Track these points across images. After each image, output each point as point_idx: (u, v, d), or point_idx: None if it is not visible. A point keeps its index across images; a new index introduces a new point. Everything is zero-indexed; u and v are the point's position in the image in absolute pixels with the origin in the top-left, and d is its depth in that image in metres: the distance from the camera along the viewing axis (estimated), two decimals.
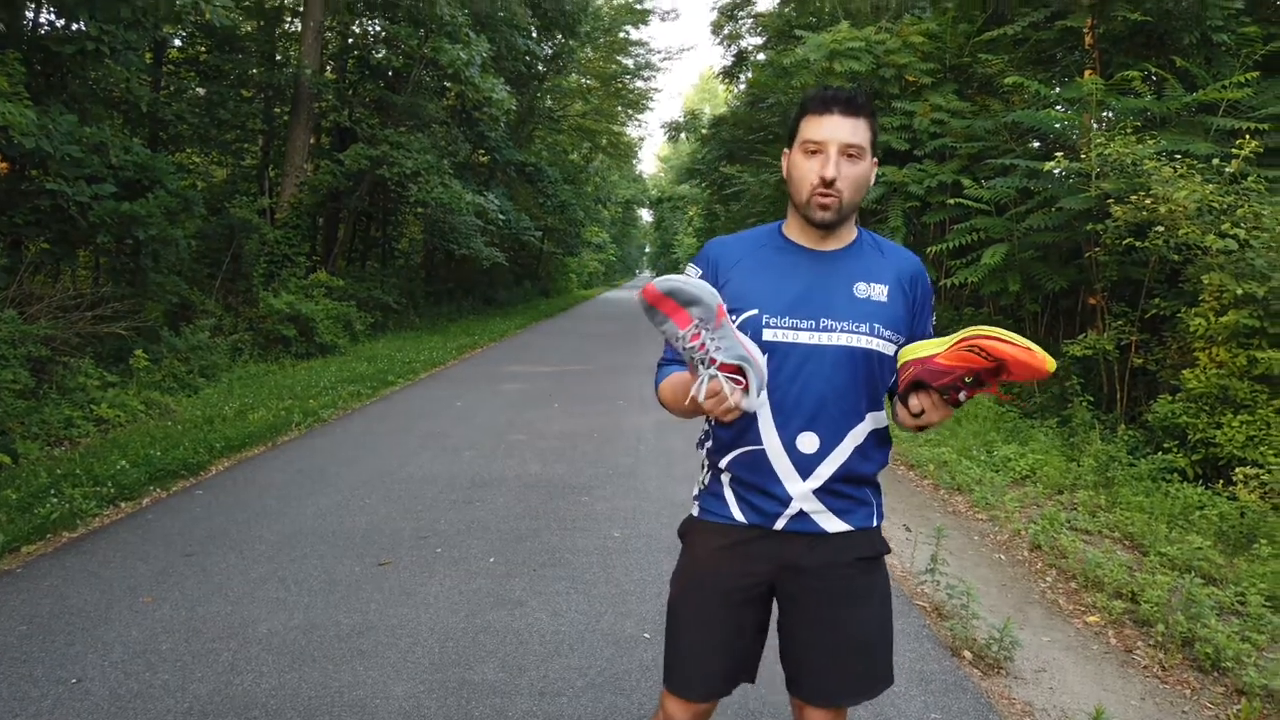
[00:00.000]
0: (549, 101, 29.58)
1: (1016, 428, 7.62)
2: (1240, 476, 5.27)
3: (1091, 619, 4.02)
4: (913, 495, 6.23)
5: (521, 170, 24.47)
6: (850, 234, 1.87)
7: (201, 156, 17.42)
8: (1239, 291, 5.69)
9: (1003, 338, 1.46)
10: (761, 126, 15.47)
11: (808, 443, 1.75)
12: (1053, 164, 7.55)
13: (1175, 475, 5.80)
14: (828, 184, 1.72)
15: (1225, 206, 6.21)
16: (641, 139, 66.62)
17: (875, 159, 1.81)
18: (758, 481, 1.78)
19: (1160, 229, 6.35)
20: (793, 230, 1.87)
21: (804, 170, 1.76)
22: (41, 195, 8.19)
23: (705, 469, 1.93)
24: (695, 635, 1.87)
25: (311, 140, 16.17)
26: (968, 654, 3.56)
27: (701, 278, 1.79)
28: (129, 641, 3.47)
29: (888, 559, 4.72)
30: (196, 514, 5.25)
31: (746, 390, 1.51)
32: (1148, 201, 6.39)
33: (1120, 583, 4.21)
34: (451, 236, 19.25)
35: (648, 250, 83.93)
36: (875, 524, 1.86)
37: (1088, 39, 8.68)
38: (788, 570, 1.82)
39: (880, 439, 1.84)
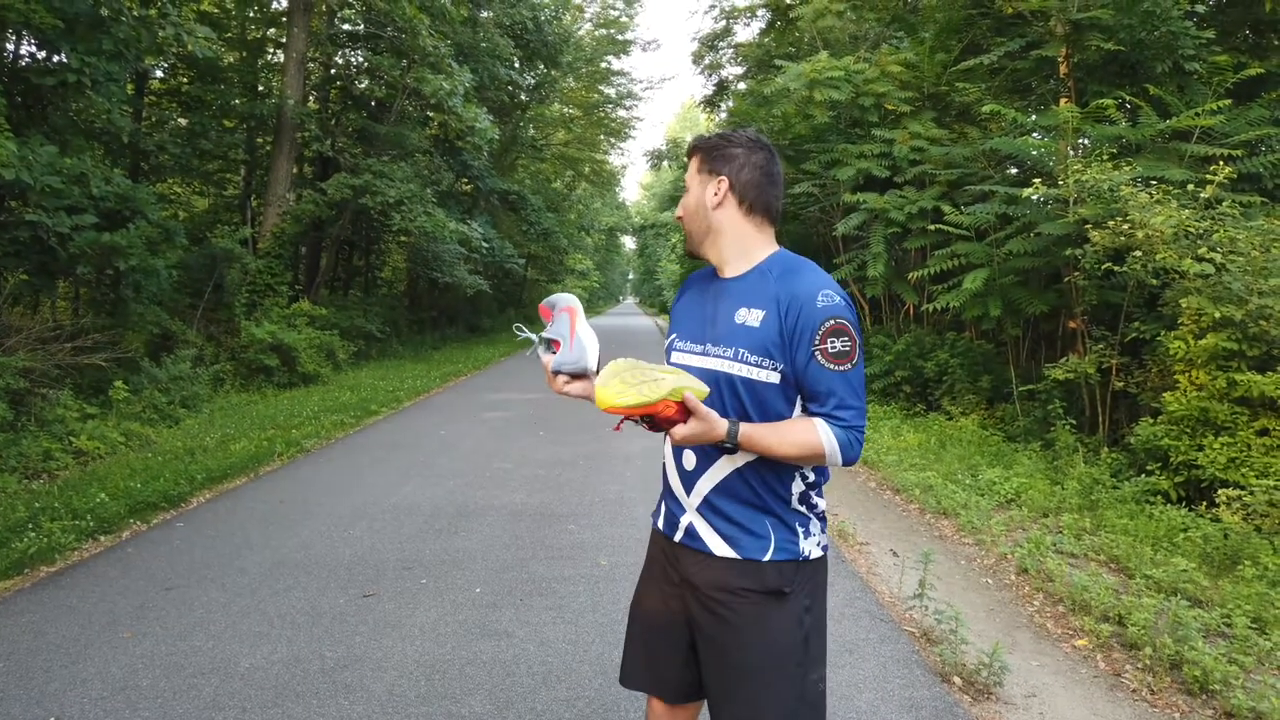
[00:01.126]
0: (532, 130, 29.76)
1: (1001, 451, 7.66)
2: (1223, 498, 5.32)
3: (1080, 642, 4.03)
4: (899, 520, 6.24)
5: (505, 198, 24.56)
6: (747, 263, 1.87)
7: (183, 186, 17.42)
8: (1217, 315, 5.76)
9: (631, 406, 1.65)
10: None
11: (687, 459, 1.87)
12: (1031, 190, 7.65)
13: (1158, 497, 5.84)
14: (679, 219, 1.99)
15: (1201, 231, 6.30)
16: (624, 167, 67.19)
17: (722, 178, 1.87)
18: (667, 491, 1.97)
19: (1138, 253, 6.43)
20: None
21: None
22: (21, 226, 8.14)
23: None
24: (635, 635, 2.03)
25: (294, 170, 16.18)
26: (957, 679, 3.55)
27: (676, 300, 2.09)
28: (108, 677, 3.41)
29: (875, 583, 4.74)
30: (177, 547, 5.18)
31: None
32: (1125, 227, 6.48)
33: (1107, 606, 4.22)
34: (435, 264, 19.27)
35: (631, 277, 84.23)
36: (767, 558, 1.78)
37: (1063, 68, 8.83)
38: (687, 588, 1.89)
39: (773, 467, 1.79)
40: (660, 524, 1.99)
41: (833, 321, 1.72)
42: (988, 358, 9.65)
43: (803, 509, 1.84)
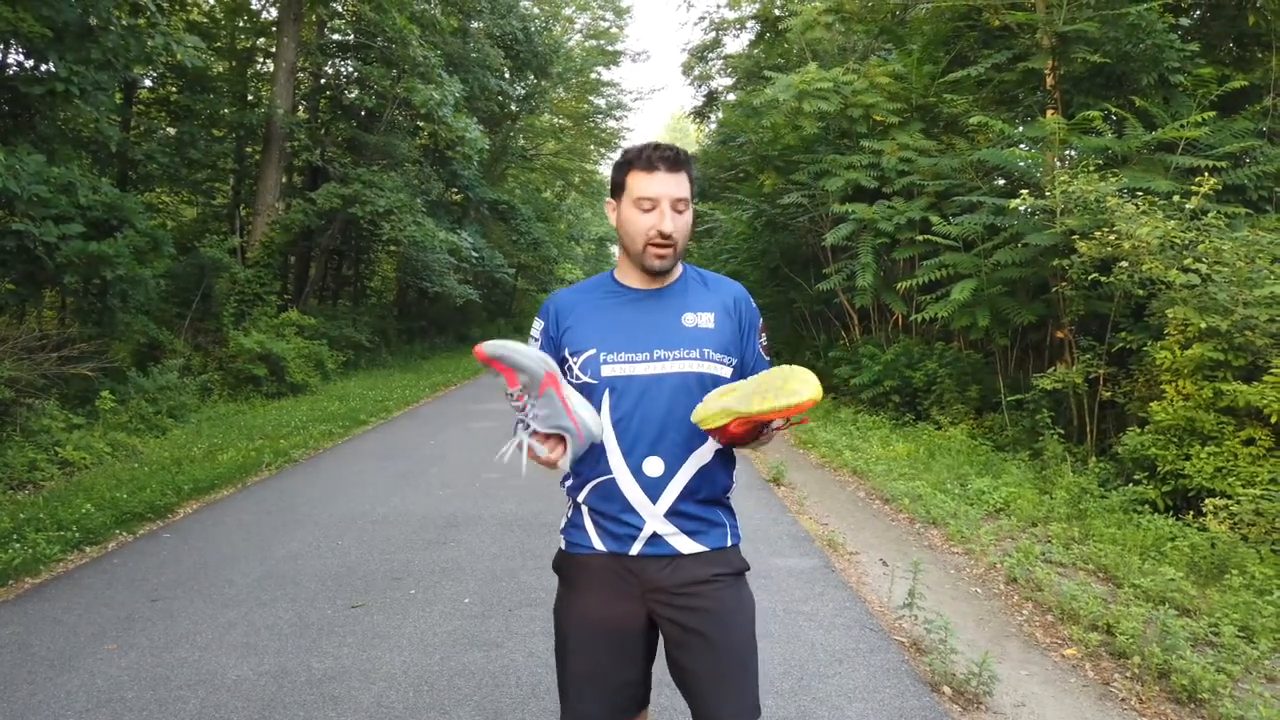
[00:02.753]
0: (522, 140, 29.83)
1: (989, 461, 7.68)
2: (1210, 508, 5.34)
3: (1069, 651, 4.03)
4: (889, 529, 6.24)
5: (494, 208, 24.57)
6: (676, 272, 1.99)
7: (171, 196, 17.34)
8: (1203, 325, 5.80)
9: (772, 410, 1.62)
10: (733, 165, 15.68)
11: (653, 467, 1.86)
12: (1018, 201, 7.70)
13: (1146, 507, 5.86)
14: (665, 237, 1.86)
15: (1187, 242, 6.35)
16: None
17: (694, 204, 1.96)
18: (612, 510, 1.89)
19: (1124, 264, 6.47)
20: (625, 275, 1.99)
21: (639, 225, 1.88)
22: (7, 235, 8.09)
23: (569, 504, 2.01)
24: (584, 670, 1.92)
25: (283, 179, 16.17)
26: (947, 689, 3.55)
27: (543, 330, 1.97)
28: (93, 690, 3.38)
29: (865, 592, 4.74)
30: (163, 558, 5.14)
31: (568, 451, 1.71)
32: (1111, 237, 6.52)
33: (1096, 615, 4.23)
34: (424, 274, 19.25)
35: None
36: (730, 543, 1.94)
37: (1049, 80, 8.90)
38: (654, 595, 1.88)
39: (724, 459, 1.94)
40: (601, 546, 1.90)
41: (760, 319, 2.04)
42: (976, 368, 9.68)
43: (730, 499, 2.00)
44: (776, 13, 16.76)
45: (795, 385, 1.64)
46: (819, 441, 9.36)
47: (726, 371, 1.91)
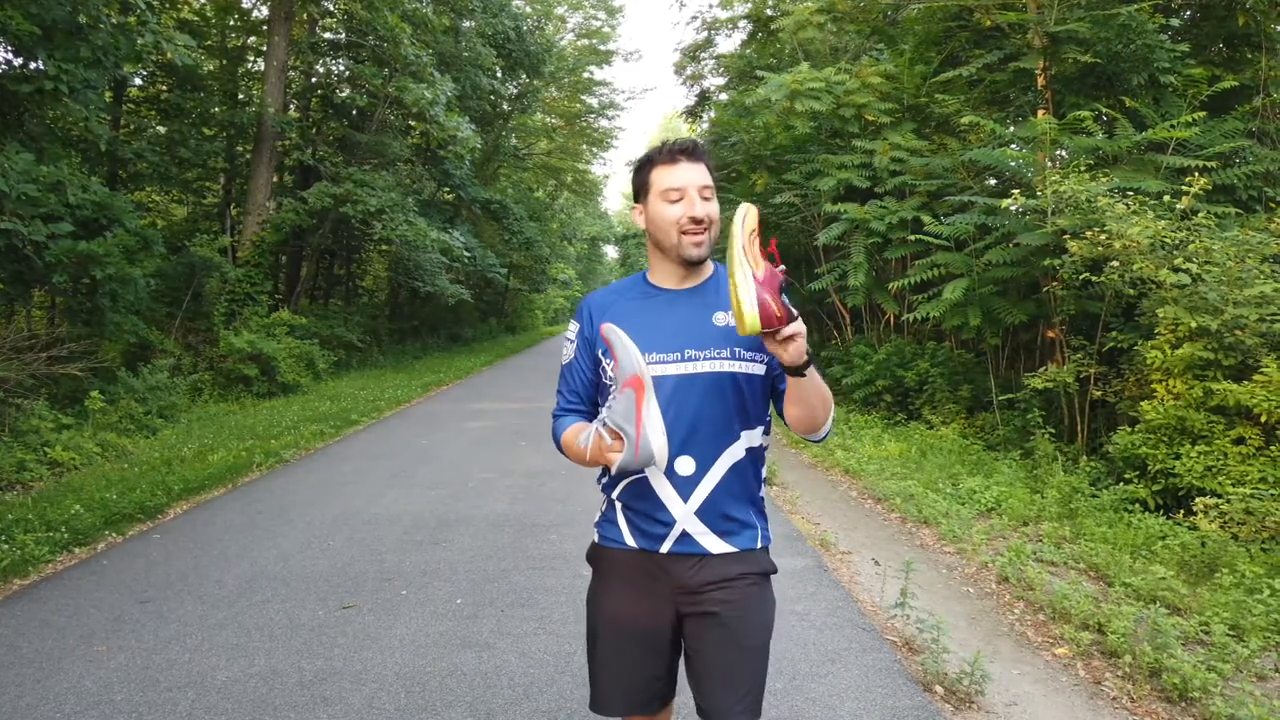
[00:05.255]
0: (514, 140, 29.77)
1: (981, 460, 7.70)
2: (1200, 506, 5.36)
3: (1060, 650, 4.04)
4: (881, 529, 6.25)
5: (487, 207, 24.53)
6: (706, 271, 2.00)
7: (162, 195, 17.28)
8: (1193, 324, 5.82)
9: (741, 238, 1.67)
10: (725, 164, 15.66)
11: (684, 466, 1.88)
12: (1009, 201, 7.71)
13: (1137, 506, 5.88)
14: (698, 222, 1.88)
15: (1177, 242, 6.37)
16: (606, 177, 67.08)
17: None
18: (645, 508, 1.92)
19: (1115, 264, 6.49)
20: (657, 276, 2.02)
21: (669, 216, 1.90)
22: None
23: (604, 500, 2.06)
24: (610, 661, 2.00)
25: (274, 178, 16.11)
26: (939, 689, 3.55)
27: (578, 332, 2.03)
28: (82, 692, 3.36)
29: (858, 592, 4.74)
30: (153, 559, 5.11)
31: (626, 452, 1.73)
32: (1102, 237, 6.54)
33: (1087, 614, 4.24)
34: (416, 274, 19.21)
35: None
36: (760, 545, 1.97)
37: (1040, 80, 8.92)
38: (681, 593, 1.92)
39: (756, 458, 1.96)
40: (632, 542, 1.95)
41: None
42: (968, 367, 9.71)
43: (762, 497, 2.01)
44: (769, 12, 16.74)
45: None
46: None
47: (759, 369, 1.91)
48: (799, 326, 1.64)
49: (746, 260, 1.64)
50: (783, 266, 1.67)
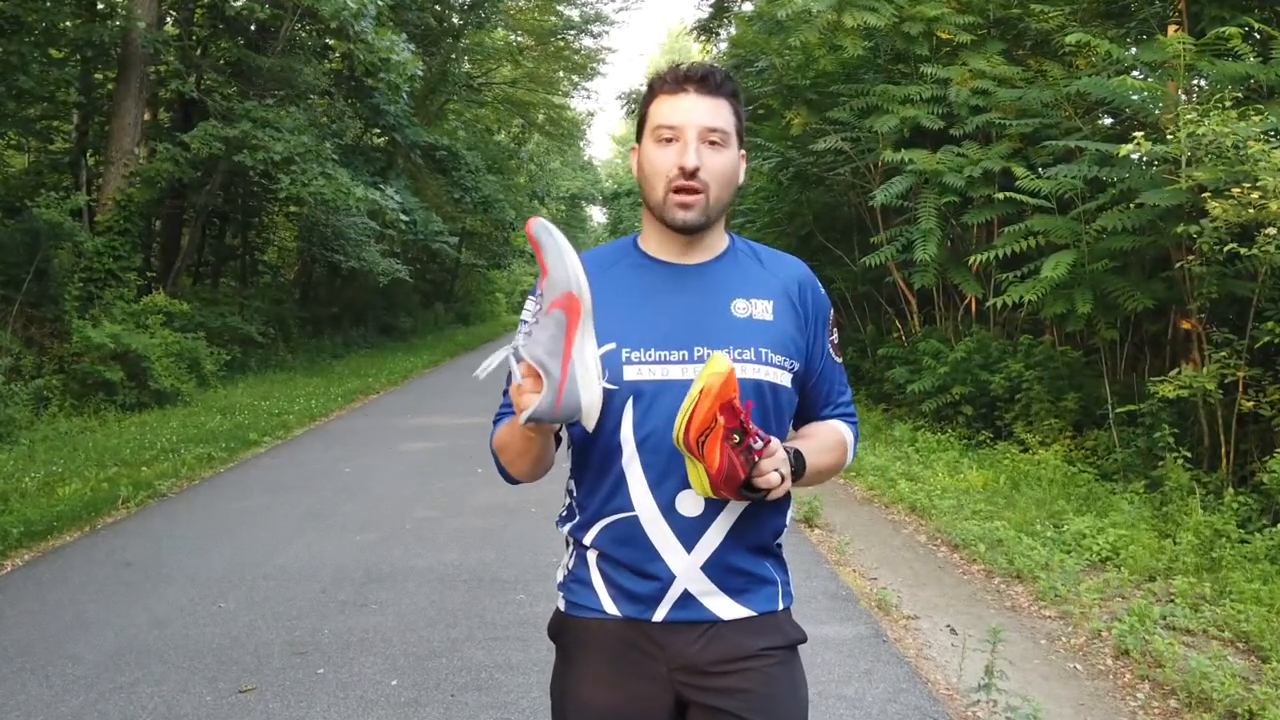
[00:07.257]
0: (467, 65, 29.76)
1: (1092, 493, 7.71)
2: None
3: None
4: (959, 585, 6.27)
5: (430, 155, 24.55)
6: (721, 242, 1.95)
7: None
8: None
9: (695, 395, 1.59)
10: (751, 98, 15.68)
11: (689, 504, 1.79)
12: (1130, 147, 7.71)
13: None
14: (689, 175, 1.78)
15: None
16: (591, 114, 67.25)
17: (743, 152, 1.91)
18: (631, 558, 1.83)
19: (1272, 231, 6.50)
20: (650, 243, 1.95)
21: (657, 163, 1.82)
22: None
23: (569, 549, 2.00)
24: None
25: (146, 116, 16.08)
26: None
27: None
28: None
29: (928, 669, 4.75)
30: None
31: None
32: (1254, 196, 6.54)
33: (1234, 699, 4.25)
34: (336, 245, 19.21)
35: None
36: (782, 606, 1.92)
37: None
38: (683, 674, 1.84)
39: (781, 501, 1.86)
40: (613, 609, 1.87)
41: (831, 310, 2.02)
42: (1075, 369, 9.71)
43: (780, 543, 1.98)
44: None
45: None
46: (865, 469, 9.39)
47: (785, 379, 1.86)
48: (773, 479, 1.64)
49: (698, 459, 1.62)
50: (761, 442, 1.63)
